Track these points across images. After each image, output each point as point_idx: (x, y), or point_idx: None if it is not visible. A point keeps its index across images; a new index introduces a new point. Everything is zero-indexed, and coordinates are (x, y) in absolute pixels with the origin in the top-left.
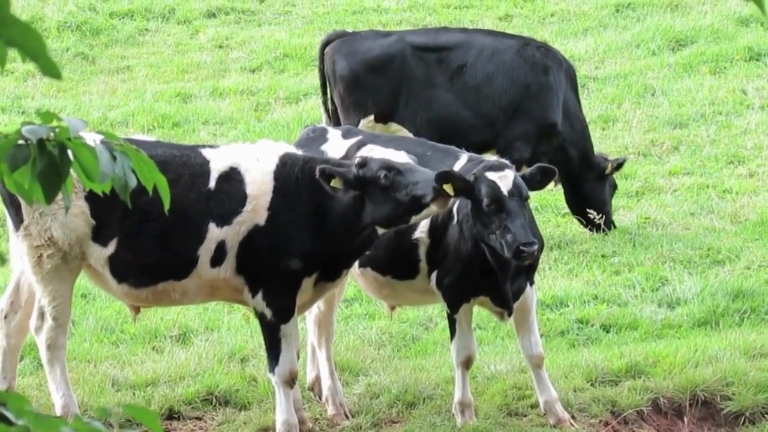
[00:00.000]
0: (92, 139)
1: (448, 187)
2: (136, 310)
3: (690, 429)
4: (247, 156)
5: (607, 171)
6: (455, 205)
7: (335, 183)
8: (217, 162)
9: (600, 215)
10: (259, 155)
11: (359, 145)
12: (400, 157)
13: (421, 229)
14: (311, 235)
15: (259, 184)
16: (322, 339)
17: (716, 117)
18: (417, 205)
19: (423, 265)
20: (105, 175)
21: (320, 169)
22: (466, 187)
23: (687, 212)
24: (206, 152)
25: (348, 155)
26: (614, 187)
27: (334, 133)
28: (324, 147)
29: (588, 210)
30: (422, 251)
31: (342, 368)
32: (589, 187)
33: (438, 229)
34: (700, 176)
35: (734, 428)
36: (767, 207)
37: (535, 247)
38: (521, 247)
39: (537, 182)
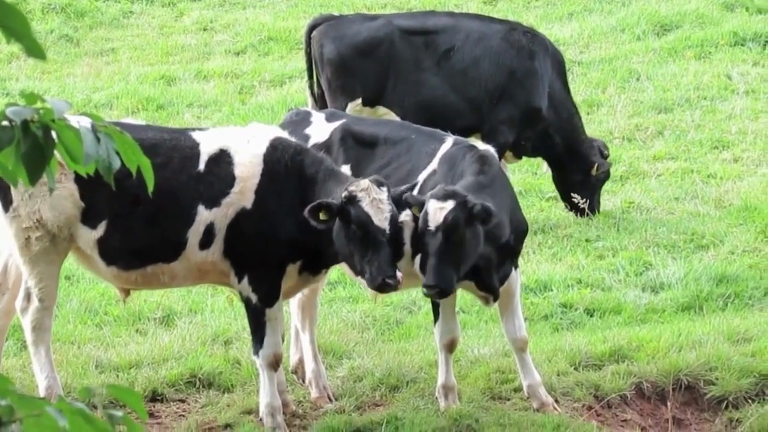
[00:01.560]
0: (77, 121)
1: (415, 210)
2: (126, 292)
3: (673, 413)
4: (238, 139)
5: (593, 171)
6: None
7: (323, 215)
8: (207, 145)
9: (584, 200)
10: (249, 138)
11: (343, 129)
12: (384, 218)
13: (406, 212)
14: (296, 223)
15: (248, 166)
16: (305, 322)
17: (701, 102)
18: (358, 275)
19: (407, 248)
20: (89, 157)
21: (309, 209)
22: (420, 210)
23: (671, 197)
24: (196, 135)
25: (331, 138)
26: (606, 176)
27: (317, 117)
28: (308, 130)
29: (572, 195)
30: (407, 234)
31: (325, 351)
32: (575, 175)
33: None
34: (684, 161)
35: (717, 413)
36: (751, 192)
37: (434, 291)
38: (423, 289)
39: (481, 220)
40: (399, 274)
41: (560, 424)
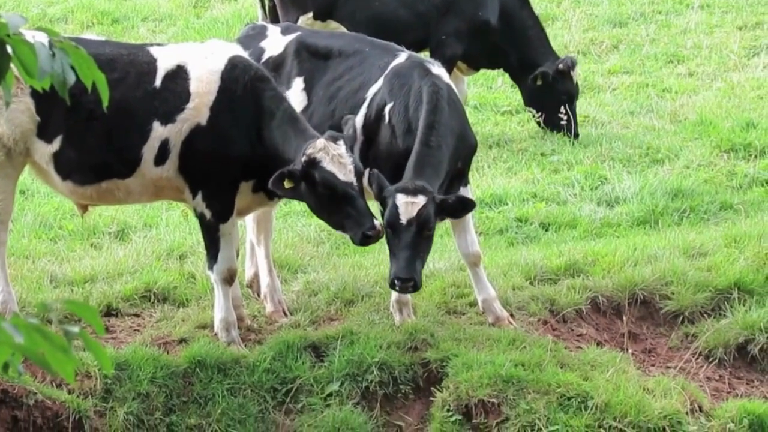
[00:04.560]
0: (32, 35)
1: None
2: (84, 208)
3: (629, 328)
4: (196, 54)
5: (529, 81)
6: (387, 107)
7: (288, 183)
8: (165, 60)
9: (539, 113)
10: (207, 54)
11: (297, 41)
12: (349, 171)
13: (355, 127)
14: (249, 142)
15: (205, 82)
16: (260, 236)
17: (656, 16)
18: (338, 230)
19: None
20: (44, 72)
21: (272, 180)
22: (378, 197)
23: (626, 111)
24: (154, 51)
25: (286, 51)
26: (566, 91)
27: (273, 30)
28: (263, 44)
29: (528, 108)
30: (355, 148)
31: (281, 265)
32: (527, 92)
33: (371, 127)
34: (639, 75)
35: (673, 327)
36: (706, 106)
37: (410, 284)
38: (394, 281)
39: (456, 212)
40: (377, 223)
41: (515, 338)
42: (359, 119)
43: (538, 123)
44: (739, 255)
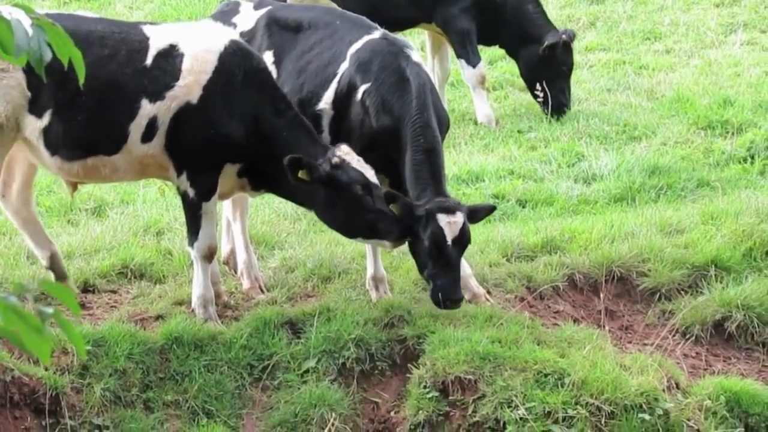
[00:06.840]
0: (8, 12)
1: (393, 207)
2: (74, 186)
3: (606, 305)
4: (191, 34)
5: (539, 52)
6: (363, 87)
7: (303, 174)
8: (157, 39)
9: (542, 92)
10: (204, 34)
11: (268, 15)
12: (372, 174)
13: (326, 101)
14: (243, 130)
15: (201, 61)
16: (237, 212)
17: None
18: (374, 234)
19: (326, 135)
20: (20, 49)
21: (290, 159)
22: (406, 214)
23: (603, 88)
24: (147, 29)
25: (257, 26)
26: (571, 62)
27: (246, 6)
28: (235, 19)
29: (527, 83)
30: (326, 122)
31: (257, 242)
32: (527, 63)
33: (342, 102)
34: (616, 52)
35: (650, 304)
36: (683, 83)
37: (460, 303)
38: (447, 302)
39: (482, 218)
40: None
41: (492, 315)
42: (329, 94)
43: (546, 103)
44: (716, 232)
